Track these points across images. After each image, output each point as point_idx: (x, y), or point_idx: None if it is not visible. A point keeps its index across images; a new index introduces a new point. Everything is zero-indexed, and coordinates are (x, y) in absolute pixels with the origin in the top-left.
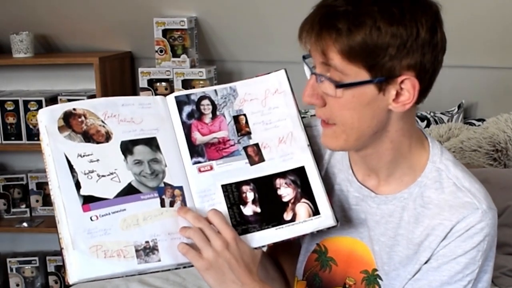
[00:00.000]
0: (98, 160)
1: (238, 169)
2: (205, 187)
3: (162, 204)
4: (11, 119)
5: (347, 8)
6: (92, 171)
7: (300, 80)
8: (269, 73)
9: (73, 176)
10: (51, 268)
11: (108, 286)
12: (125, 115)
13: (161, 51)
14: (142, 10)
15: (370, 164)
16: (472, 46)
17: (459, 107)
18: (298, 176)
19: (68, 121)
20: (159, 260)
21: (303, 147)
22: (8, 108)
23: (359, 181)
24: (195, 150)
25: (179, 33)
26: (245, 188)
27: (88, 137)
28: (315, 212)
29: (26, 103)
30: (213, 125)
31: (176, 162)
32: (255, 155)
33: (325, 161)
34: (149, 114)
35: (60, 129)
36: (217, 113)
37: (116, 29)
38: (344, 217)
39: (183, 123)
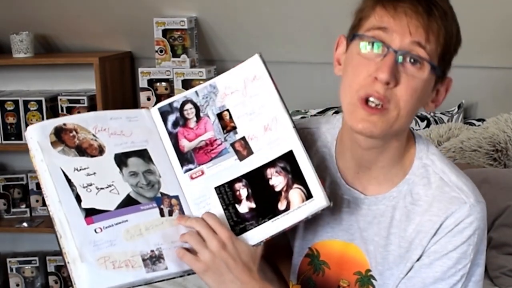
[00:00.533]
0: (94, 173)
1: (229, 168)
2: (199, 193)
3: (162, 214)
4: (11, 119)
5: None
6: (91, 184)
7: (300, 80)
8: (243, 61)
9: (72, 190)
10: (51, 268)
11: None
12: (114, 128)
13: (161, 51)
14: (142, 10)
15: (367, 160)
16: (472, 46)
17: (459, 107)
18: (288, 161)
19: (60, 136)
20: (166, 268)
21: (289, 129)
22: (8, 108)
23: (347, 184)
24: (184, 158)
25: (179, 33)
26: (237, 185)
27: (82, 151)
28: (308, 196)
29: (26, 103)
30: (198, 128)
31: (169, 172)
32: (243, 149)
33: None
34: (137, 127)
35: (53, 144)
36: (201, 114)
37: (116, 29)
38: (335, 220)
39: (170, 133)
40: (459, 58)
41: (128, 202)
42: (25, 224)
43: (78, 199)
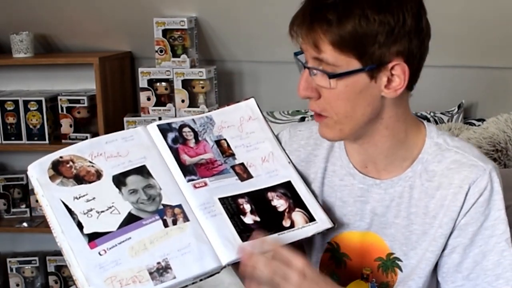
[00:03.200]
0: (94, 198)
1: (231, 185)
2: (203, 200)
3: (165, 225)
4: (11, 119)
5: (335, 0)
6: (91, 210)
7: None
8: (239, 101)
9: (74, 218)
10: (51, 268)
11: None
12: (110, 151)
13: (161, 51)
14: (142, 10)
15: (368, 153)
16: (471, 46)
17: (459, 107)
18: (287, 189)
19: (58, 169)
20: (174, 277)
21: (285, 164)
22: (8, 108)
23: (361, 172)
24: (187, 170)
25: (179, 33)
26: (241, 200)
27: (80, 179)
28: (311, 218)
29: (26, 103)
30: (198, 148)
31: (170, 183)
32: (243, 173)
33: (323, 160)
34: (134, 146)
35: (52, 178)
36: (199, 138)
37: (116, 29)
38: (351, 212)
39: (170, 147)
40: (460, 58)
41: (130, 220)
42: (25, 224)
43: (80, 226)
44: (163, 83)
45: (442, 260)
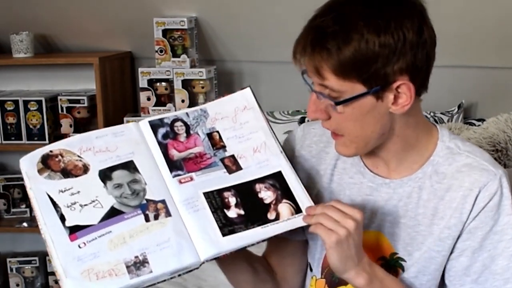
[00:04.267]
0: (79, 192)
1: (218, 178)
2: (187, 195)
3: (147, 219)
4: (11, 119)
5: (334, 29)
6: (75, 203)
7: (299, 80)
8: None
9: (57, 211)
10: (51, 268)
11: None
12: (99, 146)
13: (161, 51)
14: (142, 10)
15: (380, 156)
16: (472, 46)
17: (459, 107)
18: (277, 180)
19: (46, 162)
20: (151, 271)
21: (277, 153)
22: (8, 108)
23: (371, 171)
24: (174, 165)
25: (179, 33)
26: (226, 194)
27: (66, 173)
28: (297, 210)
29: (26, 103)
30: (188, 143)
31: (156, 178)
32: (232, 165)
33: (334, 158)
34: (123, 141)
35: (40, 171)
36: (191, 132)
37: (116, 29)
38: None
39: (159, 143)
40: (460, 58)
41: (112, 214)
42: (25, 224)
43: (63, 218)
44: (163, 83)
45: (450, 264)
